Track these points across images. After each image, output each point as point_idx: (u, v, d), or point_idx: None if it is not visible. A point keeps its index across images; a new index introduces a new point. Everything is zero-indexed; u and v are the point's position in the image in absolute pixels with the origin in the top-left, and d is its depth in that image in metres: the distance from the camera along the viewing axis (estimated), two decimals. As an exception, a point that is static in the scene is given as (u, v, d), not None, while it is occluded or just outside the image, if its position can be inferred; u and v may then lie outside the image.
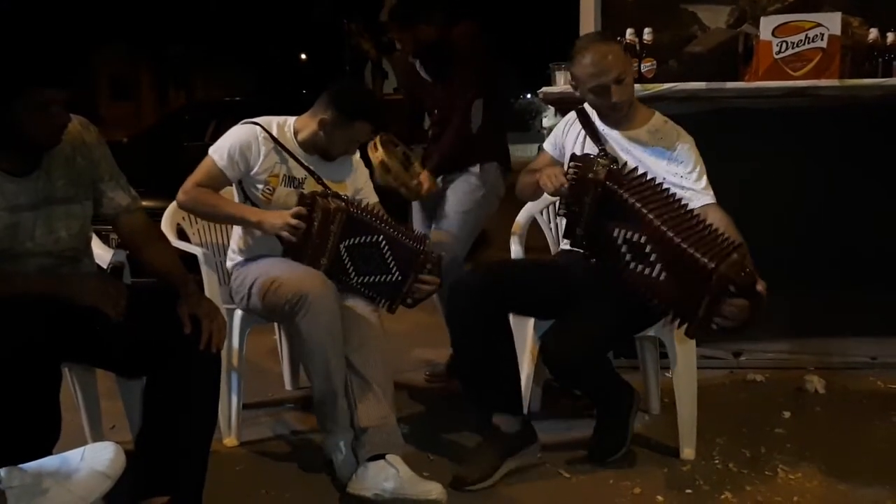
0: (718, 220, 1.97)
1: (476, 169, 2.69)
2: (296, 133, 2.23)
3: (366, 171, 2.41)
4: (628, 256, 1.91)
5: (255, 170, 2.18)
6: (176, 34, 16.00)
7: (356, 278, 2.11)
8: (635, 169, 2.00)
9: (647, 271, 1.88)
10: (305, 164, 2.21)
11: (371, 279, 2.11)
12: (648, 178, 1.97)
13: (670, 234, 1.81)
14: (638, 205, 1.86)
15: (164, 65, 17.74)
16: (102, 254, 2.05)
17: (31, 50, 1.61)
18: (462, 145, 2.63)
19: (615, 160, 2.04)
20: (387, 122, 2.41)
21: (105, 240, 2.31)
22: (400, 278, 2.10)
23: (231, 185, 2.25)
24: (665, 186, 1.97)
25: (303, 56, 19.78)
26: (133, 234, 1.89)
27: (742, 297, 1.76)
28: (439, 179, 2.69)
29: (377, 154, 2.47)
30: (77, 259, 1.81)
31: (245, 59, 17.62)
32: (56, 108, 1.63)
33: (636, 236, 1.89)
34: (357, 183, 2.34)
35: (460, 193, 2.68)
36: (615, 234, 1.92)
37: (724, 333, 1.86)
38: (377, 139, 2.49)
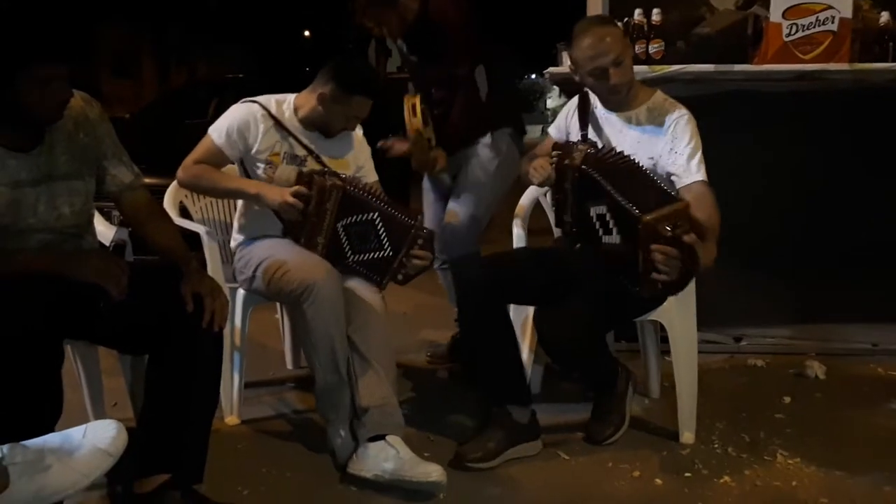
0: (697, 197, 1.96)
1: (487, 139, 2.60)
2: (296, 110, 2.22)
3: (367, 149, 2.38)
4: (600, 232, 1.98)
5: (255, 149, 2.17)
6: (178, 10, 15.84)
7: (352, 257, 2.11)
8: (612, 150, 2.01)
9: (611, 240, 1.95)
10: (305, 142, 2.20)
11: (365, 257, 2.11)
12: (624, 155, 1.98)
13: (618, 196, 1.87)
14: (603, 181, 1.91)
15: (165, 41, 17.60)
16: (105, 231, 2.05)
17: (32, 25, 1.60)
18: (473, 115, 2.55)
19: (595, 144, 2.03)
20: (387, 101, 2.35)
21: (107, 217, 2.31)
22: (391, 254, 2.09)
23: (231, 163, 2.24)
24: (634, 159, 1.98)
25: (306, 33, 19.61)
26: (135, 211, 1.89)
27: (670, 245, 1.79)
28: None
29: (415, 120, 2.38)
30: (79, 236, 1.81)
31: (247, 36, 17.45)
32: (57, 83, 1.62)
33: (602, 209, 1.95)
34: (359, 160, 2.33)
35: (476, 168, 2.60)
36: (591, 213, 1.99)
37: (668, 290, 1.90)
38: (418, 103, 2.39)
